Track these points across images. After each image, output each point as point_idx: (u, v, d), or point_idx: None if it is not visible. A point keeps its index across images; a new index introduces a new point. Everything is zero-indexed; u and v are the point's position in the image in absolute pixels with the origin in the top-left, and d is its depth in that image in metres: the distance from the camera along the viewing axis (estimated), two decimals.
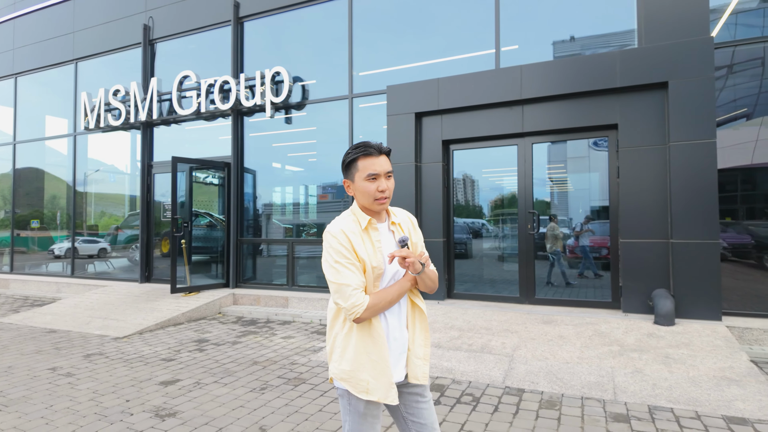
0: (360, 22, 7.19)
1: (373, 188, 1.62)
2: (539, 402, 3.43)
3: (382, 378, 1.59)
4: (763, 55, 5.19)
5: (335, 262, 1.58)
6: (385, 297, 1.60)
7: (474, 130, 6.29)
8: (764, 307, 5.04)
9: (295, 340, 5.44)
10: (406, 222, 1.78)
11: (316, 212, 7.82)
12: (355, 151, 1.65)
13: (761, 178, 5.26)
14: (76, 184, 10.02)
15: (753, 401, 3.28)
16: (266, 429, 3.02)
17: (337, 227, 1.63)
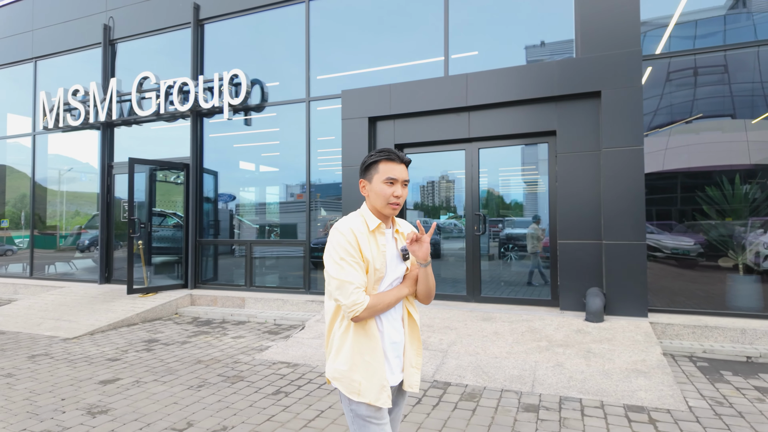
0: (317, 27, 7.33)
1: (390, 192, 1.64)
2: (461, 395, 3.64)
3: (374, 379, 1.59)
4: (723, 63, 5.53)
5: (340, 258, 1.59)
6: (384, 299, 1.62)
7: (425, 135, 6.49)
8: (688, 305, 5.37)
9: (244, 340, 5.55)
10: (409, 234, 1.76)
11: (279, 213, 7.92)
12: (378, 154, 1.67)
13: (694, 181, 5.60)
14: (35, 184, 9.90)
15: (655, 391, 3.55)
16: (193, 424, 3.15)
17: (347, 225, 1.64)
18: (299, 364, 4.48)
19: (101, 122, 8.70)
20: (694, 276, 5.53)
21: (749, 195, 5.28)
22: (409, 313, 1.76)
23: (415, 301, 1.80)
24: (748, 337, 4.70)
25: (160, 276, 8.30)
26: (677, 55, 5.56)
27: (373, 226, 1.66)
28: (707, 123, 5.53)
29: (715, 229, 5.40)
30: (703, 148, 5.56)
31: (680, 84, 5.59)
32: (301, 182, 7.48)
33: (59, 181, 9.87)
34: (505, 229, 6.60)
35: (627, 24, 5.50)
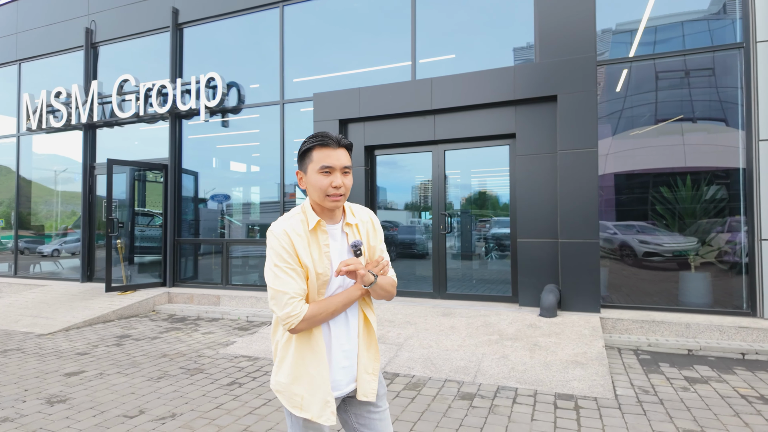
0: (292, 31, 7.51)
1: (327, 183, 1.47)
2: (405, 385, 3.84)
3: (318, 394, 1.48)
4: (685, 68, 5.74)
5: (274, 265, 1.45)
6: (327, 307, 1.47)
7: (394, 137, 6.69)
8: (641, 300, 5.58)
9: (214, 335, 5.74)
10: (365, 223, 1.64)
11: (260, 212, 8.09)
12: (311, 140, 1.49)
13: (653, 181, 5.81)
14: (20, 185, 10.06)
15: (587, 381, 3.75)
16: (145, 411, 3.34)
17: (281, 227, 1.48)
18: (259, 358, 4.67)
19: (83, 124, 8.86)
20: (652, 273, 5.74)
21: (702, 196, 5.49)
22: (365, 317, 1.61)
23: (373, 301, 1.65)
24: (692, 331, 4.91)
25: (144, 274, 8.48)
26: (636, 60, 5.77)
27: (312, 224, 1.50)
28: (672, 126, 5.75)
29: (668, 229, 5.62)
30: (667, 150, 5.77)
31: (661, 86, 5.81)
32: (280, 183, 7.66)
33: (55, 181, 9.98)
34: (474, 228, 6.80)
35: (583, 31, 5.71)
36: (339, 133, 6.85)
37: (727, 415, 3.15)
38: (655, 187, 5.66)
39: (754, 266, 5.14)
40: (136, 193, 8.57)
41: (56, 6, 9.44)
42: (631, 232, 5.84)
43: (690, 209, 5.53)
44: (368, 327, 1.62)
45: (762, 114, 5.09)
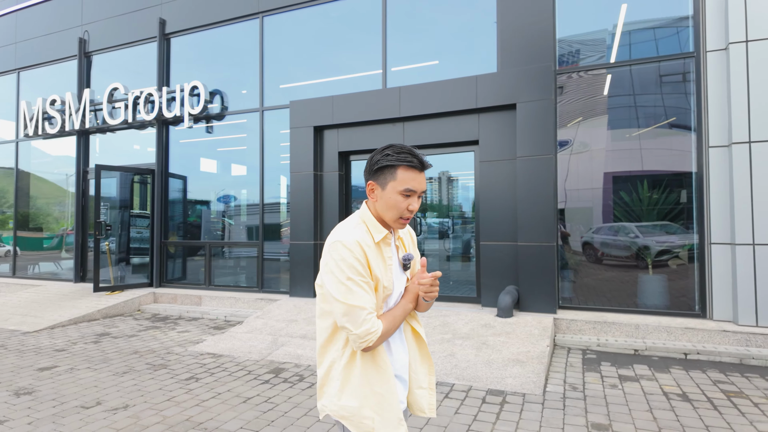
0: (271, 41, 7.79)
1: (405, 206, 1.42)
2: None
3: (390, 414, 1.40)
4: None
5: (347, 278, 1.34)
6: (393, 322, 1.41)
7: (365, 143, 6.93)
8: (599, 302, 5.76)
9: (188, 334, 6.02)
10: (407, 237, 1.61)
11: (246, 214, 8.35)
12: (398, 156, 1.40)
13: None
14: (18, 188, 10.46)
15: (521, 378, 3.96)
16: (101, 402, 3.61)
17: (352, 238, 1.39)
18: (223, 355, 4.94)
19: (76, 130, 9.22)
20: (612, 275, 5.90)
21: (658, 200, 5.65)
22: (413, 329, 1.56)
23: (417, 314, 1.61)
24: (641, 332, 5.08)
25: (137, 275, 8.81)
26: (594, 69, 5.94)
27: (380, 237, 1.45)
28: (630, 130, 5.91)
29: (626, 230, 5.79)
30: (625, 153, 5.93)
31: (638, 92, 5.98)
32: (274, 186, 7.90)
33: (66, 183, 10.25)
34: (444, 231, 7.01)
35: (542, 40, 5.90)
36: (315, 139, 7.16)
37: (640, 411, 3.34)
38: (615, 191, 5.83)
39: (704, 269, 5.29)
40: (136, 196, 8.91)
41: (52, 17, 9.82)
42: (600, 233, 6.01)
43: (647, 212, 5.69)
44: (419, 339, 1.57)
45: (712, 121, 5.24)
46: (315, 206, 7.05)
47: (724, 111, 5.16)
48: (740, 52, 5.02)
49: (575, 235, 6.02)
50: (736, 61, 5.03)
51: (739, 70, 5.02)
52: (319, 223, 7.06)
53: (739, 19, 5.04)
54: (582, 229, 6.01)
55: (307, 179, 7.06)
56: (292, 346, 5.01)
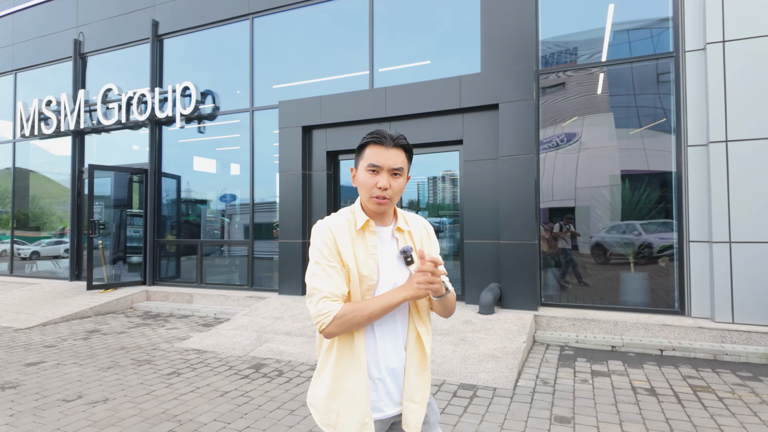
0: (262, 41, 7.88)
1: (372, 183, 1.37)
2: None
3: (356, 414, 1.33)
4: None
5: (314, 262, 1.37)
6: (362, 309, 1.31)
7: (353, 143, 7.00)
8: (581, 299, 5.83)
9: (177, 331, 6.12)
10: (419, 230, 1.51)
11: (239, 213, 8.45)
12: (367, 136, 1.40)
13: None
14: (20, 187, 10.60)
15: (494, 373, 4.04)
16: (82, 396, 3.71)
17: (326, 224, 1.41)
18: (207, 351, 5.03)
19: (71, 130, 9.34)
20: (594, 272, 5.97)
21: (639, 198, 5.71)
22: (417, 335, 1.43)
23: (430, 319, 1.49)
24: (620, 328, 5.15)
25: (132, 273, 8.92)
26: (579, 69, 6.01)
27: (361, 223, 1.40)
28: (612, 130, 5.97)
29: (610, 229, 5.85)
30: (608, 152, 5.98)
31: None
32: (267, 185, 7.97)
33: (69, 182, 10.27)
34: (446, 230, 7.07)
35: (525, 41, 5.97)
36: (303, 139, 7.25)
37: (605, 404, 3.42)
38: (599, 190, 5.89)
39: (683, 267, 5.35)
40: (136, 194, 9.01)
41: (48, 18, 9.95)
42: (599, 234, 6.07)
43: (628, 211, 5.75)
44: (420, 347, 1.43)
45: (690, 120, 5.30)
46: (303, 205, 7.14)
47: (702, 110, 5.22)
48: (717, 52, 5.08)
49: (563, 235, 6.09)
50: (714, 61, 5.09)
51: (716, 69, 5.07)
52: (308, 222, 7.15)
53: (716, 20, 5.10)
54: (571, 228, 6.08)
55: (296, 179, 7.15)
56: (275, 343, 5.10)
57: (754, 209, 4.88)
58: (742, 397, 3.52)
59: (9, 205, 10.82)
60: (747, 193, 4.91)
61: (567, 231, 6.02)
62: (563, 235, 6.06)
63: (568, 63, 6.04)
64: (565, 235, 6.04)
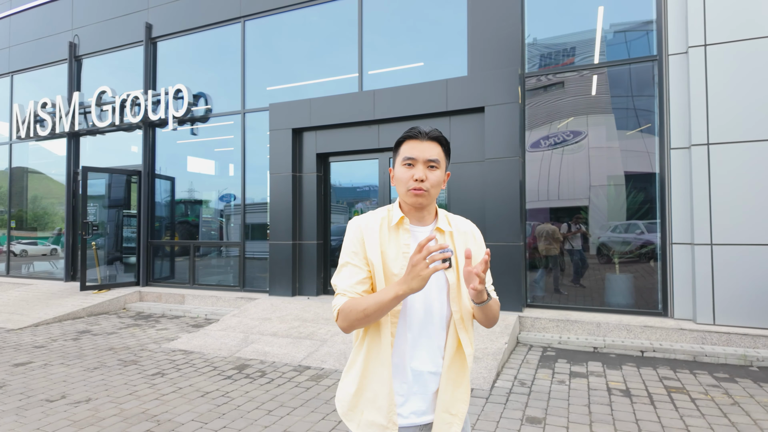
0: (253, 44, 7.94)
1: (408, 175, 1.34)
2: (311, 376, 4.21)
3: (378, 416, 1.31)
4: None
5: (343, 254, 1.39)
6: (357, 305, 1.25)
7: (343, 145, 7.07)
8: (565, 300, 5.87)
9: (167, 331, 6.19)
10: (463, 235, 1.44)
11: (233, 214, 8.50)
12: (403, 134, 1.40)
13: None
14: (15, 188, 10.69)
15: (473, 374, 4.08)
16: (66, 396, 3.77)
17: (357, 221, 1.41)
18: (194, 352, 5.10)
19: (66, 132, 9.42)
20: (584, 273, 6.02)
21: (624, 200, 5.75)
22: (458, 344, 1.36)
23: (472, 327, 1.41)
24: (602, 330, 5.20)
25: (128, 274, 8.99)
26: (564, 72, 6.05)
27: (395, 219, 1.38)
28: (600, 132, 6.01)
29: (596, 231, 5.90)
30: (594, 153, 6.03)
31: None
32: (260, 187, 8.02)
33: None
34: None
35: (510, 45, 6.02)
36: (294, 141, 7.30)
37: (578, 405, 3.47)
38: (584, 191, 5.94)
39: (666, 268, 5.40)
40: (134, 193, 9.07)
41: (44, 21, 10.03)
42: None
43: (613, 212, 5.80)
44: (460, 357, 1.36)
45: (673, 123, 5.34)
46: (294, 207, 7.20)
47: (685, 113, 5.26)
48: (699, 55, 5.12)
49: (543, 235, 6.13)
50: (696, 64, 5.13)
51: (698, 73, 5.12)
52: (298, 223, 7.21)
53: (698, 24, 5.14)
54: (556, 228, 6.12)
55: (286, 180, 7.21)
56: (261, 344, 5.16)
57: (734, 212, 4.92)
58: (714, 399, 3.57)
59: (6, 206, 10.91)
60: (728, 195, 4.95)
61: (577, 231, 5.94)
62: (572, 235, 5.95)
63: (554, 66, 6.09)
64: (575, 235, 5.96)
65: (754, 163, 4.87)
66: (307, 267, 7.16)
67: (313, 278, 7.10)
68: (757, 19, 4.92)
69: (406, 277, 1.18)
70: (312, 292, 7.08)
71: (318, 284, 7.12)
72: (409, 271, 1.17)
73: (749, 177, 4.88)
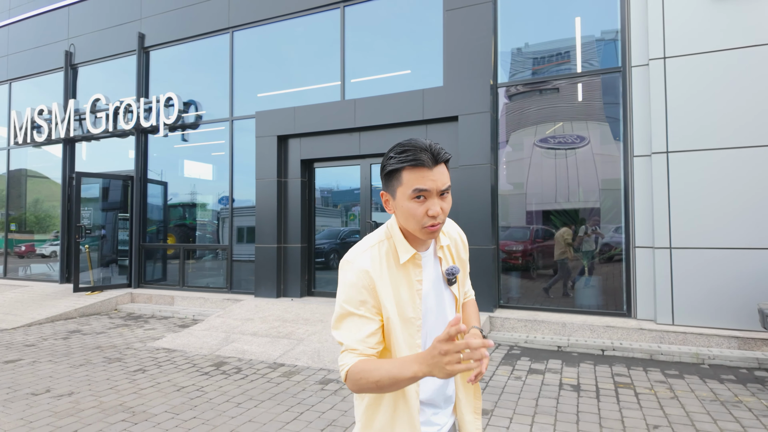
0: (241, 54, 8.21)
1: (421, 212, 1.17)
2: (283, 372, 4.45)
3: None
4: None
5: (342, 308, 1.20)
6: (370, 373, 1.09)
7: (326, 152, 7.33)
8: (536, 302, 6.11)
9: (154, 331, 6.43)
10: (454, 242, 1.37)
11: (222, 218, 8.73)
12: (399, 157, 1.18)
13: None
14: (9, 192, 10.97)
15: None
16: (50, 390, 4.02)
17: (362, 263, 1.21)
18: (177, 350, 5.34)
19: (62, 138, 9.70)
20: (550, 277, 6.25)
21: (593, 205, 5.99)
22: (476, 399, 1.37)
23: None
24: (567, 329, 5.43)
25: (122, 276, 9.24)
26: (534, 82, 6.30)
27: (405, 257, 1.23)
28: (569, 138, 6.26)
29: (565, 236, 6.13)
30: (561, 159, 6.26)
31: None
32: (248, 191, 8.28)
33: None
34: None
35: (483, 56, 6.28)
36: (279, 147, 7.56)
37: (527, 399, 3.70)
38: (552, 197, 6.18)
39: (629, 271, 5.63)
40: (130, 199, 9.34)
41: (41, 30, 10.33)
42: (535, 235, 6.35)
43: (583, 216, 6.03)
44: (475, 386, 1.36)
45: (636, 132, 5.58)
46: (279, 211, 7.45)
47: (647, 122, 5.50)
48: (659, 67, 5.37)
49: (517, 240, 6.37)
50: (656, 76, 5.38)
51: (658, 84, 5.36)
52: (283, 227, 7.46)
53: (658, 37, 5.39)
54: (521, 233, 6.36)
55: (271, 185, 7.47)
56: (240, 343, 5.41)
57: (692, 217, 5.15)
58: (657, 393, 3.80)
59: (4, 209, 11.19)
60: (686, 201, 5.19)
61: (594, 233, 5.94)
62: (589, 237, 5.95)
63: (526, 78, 6.34)
64: (590, 237, 5.96)
65: (710, 171, 5.11)
66: (291, 269, 7.41)
67: (297, 280, 7.34)
68: (714, 34, 5.16)
69: (429, 360, 1.01)
70: (296, 293, 7.32)
71: (302, 286, 7.36)
72: (436, 358, 0.99)
73: (706, 184, 5.12)
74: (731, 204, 5.01)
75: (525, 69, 6.38)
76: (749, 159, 4.97)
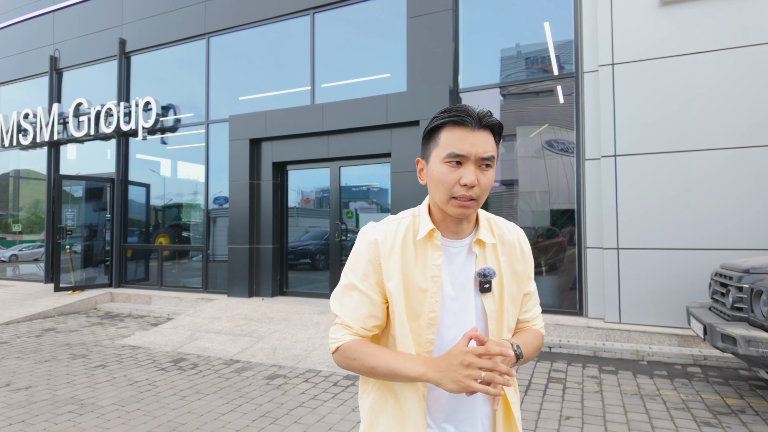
0: (216, 60, 8.42)
1: (453, 178, 1.02)
2: (236, 369, 4.65)
3: None
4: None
5: (348, 271, 1.12)
6: (366, 357, 1.03)
7: (297, 155, 7.52)
8: None
9: (126, 329, 6.64)
10: (509, 246, 1.16)
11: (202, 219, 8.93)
12: (443, 114, 1.05)
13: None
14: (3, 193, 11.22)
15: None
16: (10, 384, 4.22)
17: (374, 233, 1.11)
18: (142, 347, 5.54)
19: (46, 141, 9.93)
20: None
21: (550, 206, 6.17)
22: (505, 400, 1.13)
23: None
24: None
25: (106, 276, 9.45)
26: (493, 87, 6.48)
27: (423, 232, 1.08)
28: (525, 144, 6.43)
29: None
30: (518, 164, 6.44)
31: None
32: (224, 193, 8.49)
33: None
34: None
35: (443, 62, 6.46)
36: (251, 150, 7.76)
37: None
38: (511, 199, 6.36)
39: (581, 271, 5.80)
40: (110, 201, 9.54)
41: (27, 35, 10.57)
42: None
43: (539, 218, 6.21)
44: (508, 418, 1.14)
45: (587, 136, 5.76)
46: (251, 213, 7.65)
47: (597, 127, 5.67)
48: (607, 73, 5.54)
49: None
50: (604, 81, 5.55)
51: (607, 90, 5.53)
52: (255, 228, 7.66)
53: (606, 44, 5.56)
54: None
55: (244, 187, 7.67)
56: (203, 340, 5.60)
57: (637, 218, 5.33)
58: (584, 387, 3.98)
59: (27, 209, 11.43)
60: (632, 203, 5.36)
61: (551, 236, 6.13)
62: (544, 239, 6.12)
63: (485, 84, 6.51)
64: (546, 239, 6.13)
65: (656, 174, 5.28)
66: (263, 269, 7.61)
67: (269, 280, 7.54)
68: (659, 41, 5.33)
69: (443, 367, 0.94)
70: (267, 293, 7.52)
71: (273, 286, 7.56)
72: (454, 368, 0.92)
73: (651, 186, 5.29)
74: (669, 205, 5.18)
75: (487, 75, 6.56)
76: (685, 162, 5.14)
